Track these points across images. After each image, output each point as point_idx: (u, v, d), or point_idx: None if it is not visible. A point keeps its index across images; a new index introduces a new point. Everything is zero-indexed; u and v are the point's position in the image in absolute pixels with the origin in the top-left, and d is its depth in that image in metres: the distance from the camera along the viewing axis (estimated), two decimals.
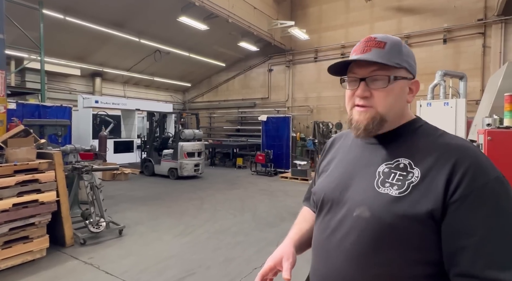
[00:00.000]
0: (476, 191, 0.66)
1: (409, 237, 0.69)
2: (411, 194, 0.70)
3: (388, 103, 0.78)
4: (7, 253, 3.24)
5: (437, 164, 0.71)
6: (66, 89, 12.44)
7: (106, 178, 8.29)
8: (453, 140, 0.76)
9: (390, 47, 0.78)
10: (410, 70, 0.81)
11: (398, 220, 0.69)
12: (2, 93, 4.54)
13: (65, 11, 8.83)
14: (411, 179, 0.72)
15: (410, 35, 10.77)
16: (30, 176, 3.52)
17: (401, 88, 0.80)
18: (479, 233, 0.63)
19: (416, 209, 0.68)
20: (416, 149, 0.76)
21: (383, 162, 0.79)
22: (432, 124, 0.84)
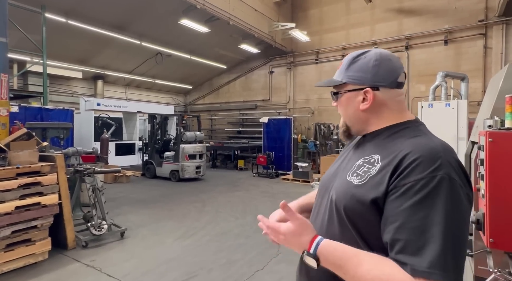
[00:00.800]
0: (408, 184, 0.72)
1: (358, 219, 0.80)
2: (366, 184, 0.80)
3: (342, 112, 0.96)
4: (9, 256, 3.25)
5: (394, 159, 0.78)
6: (68, 92, 12.51)
7: (107, 180, 8.31)
8: (424, 140, 0.81)
9: (343, 66, 0.94)
10: (354, 82, 0.91)
11: (350, 201, 0.81)
12: (5, 96, 4.58)
13: (67, 14, 8.89)
14: (371, 172, 0.81)
15: (411, 37, 10.77)
16: (32, 179, 3.53)
17: (347, 99, 0.93)
18: (400, 220, 0.70)
19: (365, 196, 0.78)
20: (388, 147, 0.85)
21: (362, 157, 0.89)
22: (420, 129, 0.88)
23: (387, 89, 0.88)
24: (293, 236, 0.80)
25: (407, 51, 10.88)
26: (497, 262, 1.43)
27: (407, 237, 0.68)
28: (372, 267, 0.69)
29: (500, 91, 1.75)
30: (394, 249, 0.70)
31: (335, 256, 0.74)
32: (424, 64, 10.60)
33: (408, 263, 0.66)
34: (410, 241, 0.67)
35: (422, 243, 0.66)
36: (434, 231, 0.66)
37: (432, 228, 0.67)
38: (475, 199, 1.76)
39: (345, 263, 0.72)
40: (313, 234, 0.80)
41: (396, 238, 0.69)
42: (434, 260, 0.64)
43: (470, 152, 2.09)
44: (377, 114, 0.90)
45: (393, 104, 0.90)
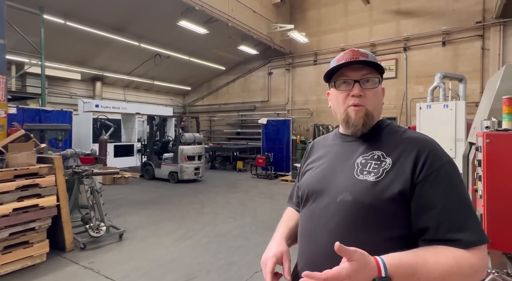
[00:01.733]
0: (435, 172, 0.81)
1: (385, 215, 0.82)
2: (385, 178, 0.83)
3: (375, 101, 0.93)
4: (7, 258, 3.23)
5: (404, 153, 0.86)
6: (66, 93, 12.48)
7: (106, 182, 8.29)
8: (415, 134, 0.92)
9: (371, 57, 0.93)
10: (383, 76, 0.96)
11: (376, 201, 0.82)
12: (2, 98, 4.56)
13: (66, 16, 8.88)
14: (385, 166, 0.85)
15: (409, 38, 10.81)
16: (30, 181, 3.52)
17: (381, 91, 0.96)
18: (440, 205, 0.79)
19: (390, 190, 0.81)
20: (386, 143, 0.91)
21: (360, 155, 0.91)
22: (395, 124, 0.99)
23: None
24: (359, 273, 0.69)
25: (405, 52, 10.92)
26: (495, 263, 1.43)
27: (451, 218, 0.77)
28: (436, 261, 0.73)
29: (497, 92, 1.76)
30: (441, 230, 0.77)
31: (404, 268, 0.72)
32: (422, 65, 10.63)
33: (459, 239, 0.75)
34: (455, 221, 0.77)
35: (463, 221, 0.78)
36: (466, 207, 0.80)
37: (464, 206, 0.79)
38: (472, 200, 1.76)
39: (415, 270, 0.72)
40: (370, 257, 0.71)
41: (442, 220, 0.78)
42: (477, 230, 0.77)
43: (468, 153, 2.09)
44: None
45: None
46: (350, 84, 0.91)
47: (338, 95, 0.95)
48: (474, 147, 1.48)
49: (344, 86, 0.93)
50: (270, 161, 10.48)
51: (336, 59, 0.95)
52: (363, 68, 0.91)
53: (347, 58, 0.92)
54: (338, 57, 0.95)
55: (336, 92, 0.96)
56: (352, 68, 0.91)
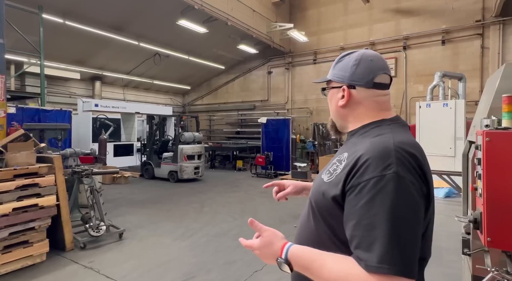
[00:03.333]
0: (362, 183, 0.76)
1: (324, 214, 0.86)
2: (332, 181, 0.85)
3: (330, 108, 1.02)
4: (7, 258, 3.23)
5: (353, 159, 0.82)
6: (65, 93, 12.47)
7: (106, 181, 8.29)
8: (378, 139, 0.83)
9: (333, 65, 1.01)
10: (336, 80, 0.98)
11: (319, 197, 0.87)
12: (1, 97, 4.55)
13: (65, 15, 8.86)
14: (337, 169, 0.86)
15: (408, 37, 10.81)
16: (30, 181, 3.51)
17: (331, 96, 1.01)
18: (356, 218, 0.75)
19: (328, 193, 0.84)
20: (354, 145, 0.89)
21: (338, 155, 0.94)
22: (389, 127, 0.89)
23: (363, 88, 0.92)
24: (265, 247, 0.87)
25: (405, 51, 10.92)
26: (495, 261, 1.43)
27: (361, 234, 0.72)
28: (333, 266, 0.74)
29: (497, 91, 1.76)
30: (352, 245, 0.75)
31: (303, 259, 0.79)
32: (422, 64, 10.64)
33: (362, 259, 0.70)
34: (363, 237, 0.72)
35: (372, 239, 0.70)
36: (382, 227, 0.70)
37: (380, 225, 0.70)
38: (472, 198, 1.77)
39: (311, 264, 0.77)
40: (283, 241, 0.85)
41: (353, 234, 0.74)
42: (382, 255, 0.68)
43: (468, 151, 2.09)
44: (353, 112, 0.95)
45: (370, 104, 0.92)
46: None
47: None
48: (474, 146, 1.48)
49: None
50: (270, 160, 10.49)
51: None
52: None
53: None
54: None
55: None
56: None
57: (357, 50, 0.97)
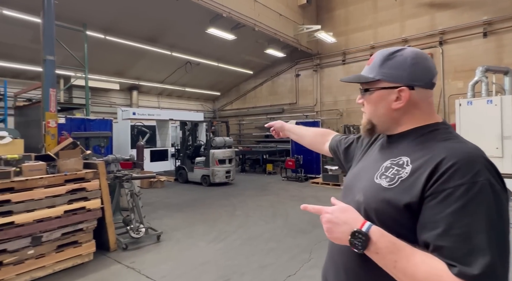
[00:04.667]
0: (448, 190, 0.70)
1: (390, 223, 0.77)
2: (397, 187, 0.79)
3: (370, 110, 0.93)
4: (60, 257, 3.54)
5: (427, 163, 0.77)
6: (107, 103, 13.38)
7: (144, 185, 8.73)
8: (457, 144, 0.80)
9: (374, 63, 0.91)
10: (389, 80, 0.88)
11: (381, 205, 0.80)
12: (54, 109, 5.02)
13: (105, 31, 9.56)
14: (401, 175, 0.80)
15: (445, 31, 10.21)
16: (78, 185, 3.81)
17: (379, 97, 0.90)
18: (442, 227, 0.68)
19: (397, 200, 0.77)
20: (418, 149, 0.83)
21: (389, 158, 0.89)
22: (450, 131, 0.86)
23: (422, 89, 0.86)
24: (341, 211, 0.78)
25: (441, 46, 10.32)
26: None
27: (451, 244, 0.67)
28: (424, 259, 0.67)
29: None
30: (437, 254, 0.68)
31: (388, 241, 0.71)
32: (461, 60, 9.98)
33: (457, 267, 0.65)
34: (455, 249, 0.66)
35: (468, 251, 0.65)
36: (481, 239, 0.65)
37: (478, 236, 0.65)
38: None
39: (397, 250, 0.69)
40: (360, 216, 0.78)
41: (439, 244, 0.68)
42: (486, 270, 0.63)
43: None
44: (408, 114, 0.88)
45: (424, 105, 0.88)
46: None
47: None
48: None
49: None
50: (300, 163, 10.40)
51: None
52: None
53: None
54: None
55: None
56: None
57: (403, 47, 0.90)
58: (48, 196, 3.48)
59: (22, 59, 9.72)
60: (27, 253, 3.27)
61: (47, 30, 5.17)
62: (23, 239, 3.24)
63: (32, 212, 3.33)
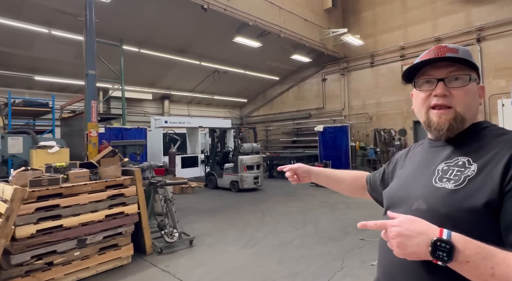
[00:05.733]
0: None
1: (466, 227, 0.68)
2: (466, 187, 0.72)
3: (466, 101, 0.82)
4: (102, 259, 3.77)
5: (495, 158, 0.72)
6: (141, 112, 14.11)
7: (176, 191, 9.03)
8: None
9: (463, 52, 0.83)
10: (478, 74, 0.85)
11: (453, 210, 0.72)
12: (95, 120, 5.41)
13: (139, 44, 10.15)
14: (467, 173, 0.74)
15: (483, 28, 9.63)
16: (117, 191, 4.05)
17: (475, 89, 0.84)
18: None
19: (472, 200, 0.70)
20: (476, 148, 0.79)
21: (443, 161, 0.83)
22: (498, 126, 0.84)
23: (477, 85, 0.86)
24: (411, 222, 0.67)
25: (479, 43, 9.74)
26: None
27: None
28: None
29: None
30: None
31: (477, 246, 0.61)
32: (503, 57, 9.34)
33: None
34: None
35: None
36: None
37: None
38: None
39: (490, 255, 0.59)
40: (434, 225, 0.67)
41: None
42: None
43: None
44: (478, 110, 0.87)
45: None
46: (434, 83, 0.84)
47: (418, 95, 0.88)
48: None
49: (427, 86, 0.86)
50: None
51: (420, 57, 0.88)
52: (450, 65, 0.82)
53: (431, 55, 0.84)
54: (422, 55, 0.87)
55: (417, 92, 0.89)
56: (436, 66, 0.84)
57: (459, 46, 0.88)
58: (91, 201, 3.74)
59: (67, 74, 10.59)
60: (73, 254, 3.52)
61: (89, 47, 5.61)
62: (70, 241, 3.51)
63: (78, 216, 3.59)
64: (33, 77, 10.26)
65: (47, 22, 8.22)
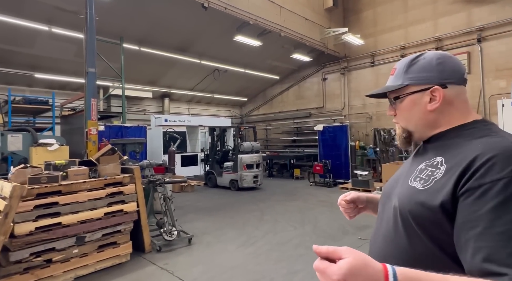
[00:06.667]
0: (485, 186, 0.66)
1: (426, 226, 0.75)
2: (431, 187, 0.76)
3: (403, 118, 0.91)
4: (101, 256, 3.78)
5: (462, 160, 0.74)
6: (141, 110, 14.10)
7: (175, 190, 9.05)
8: (496, 139, 0.75)
9: (398, 71, 0.92)
10: (418, 83, 0.87)
11: (415, 207, 0.77)
12: (95, 118, 5.41)
13: (140, 43, 10.14)
14: (436, 175, 0.78)
15: (484, 28, 9.62)
16: (116, 189, 4.05)
17: (412, 102, 0.88)
18: (481, 226, 0.64)
19: (431, 200, 0.74)
20: (453, 148, 0.81)
21: (424, 160, 0.87)
22: (489, 128, 0.81)
23: (455, 85, 0.84)
24: (354, 273, 0.56)
25: (480, 44, 9.72)
26: None
27: (494, 244, 0.61)
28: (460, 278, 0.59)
29: None
30: (477, 257, 0.63)
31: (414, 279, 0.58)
32: (503, 57, 9.32)
33: (506, 273, 0.58)
34: (499, 248, 0.60)
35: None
36: None
37: None
38: None
39: None
40: (377, 263, 0.59)
41: (479, 245, 0.63)
42: None
43: None
44: (445, 114, 0.85)
45: (459, 103, 0.85)
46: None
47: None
48: None
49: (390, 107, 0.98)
50: (328, 168, 10.22)
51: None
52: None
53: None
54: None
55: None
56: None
57: (423, 52, 0.89)
58: (90, 199, 3.75)
59: (67, 72, 10.58)
60: (72, 252, 3.53)
61: (89, 45, 5.61)
62: (69, 238, 3.51)
63: (77, 213, 3.60)
64: (33, 74, 10.26)
65: (47, 19, 8.21)
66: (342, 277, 0.55)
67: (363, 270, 0.56)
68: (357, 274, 0.56)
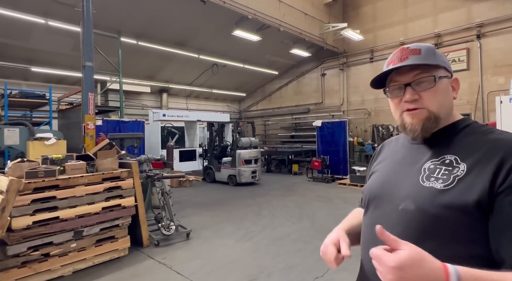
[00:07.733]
0: None
1: (456, 228, 0.69)
2: (456, 187, 0.72)
3: (438, 101, 0.82)
4: (99, 250, 3.79)
5: (484, 158, 0.72)
6: (139, 105, 14.03)
7: (173, 185, 9.05)
8: (502, 135, 0.77)
9: (425, 52, 0.83)
10: (448, 69, 0.85)
11: (442, 210, 0.71)
12: (92, 112, 5.38)
13: (138, 37, 10.04)
14: (457, 173, 0.74)
15: (483, 24, 9.59)
16: (114, 183, 4.05)
17: (446, 86, 0.84)
18: None
19: (461, 199, 0.69)
20: (462, 146, 0.79)
21: (429, 159, 0.82)
22: (481, 123, 0.85)
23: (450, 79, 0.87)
24: (413, 265, 0.57)
25: (479, 40, 9.70)
26: None
27: None
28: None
29: None
30: None
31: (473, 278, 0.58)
32: (502, 53, 9.31)
33: None
34: None
35: None
36: None
37: None
38: None
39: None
40: (435, 260, 0.60)
41: None
42: None
43: None
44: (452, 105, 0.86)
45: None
46: (402, 89, 0.84)
47: (392, 102, 0.89)
48: None
49: (397, 92, 0.85)
50: (326, 164, 10.25)
51: (387, 61, 0.88)
52: (414, 68, 0.82)
53: (395, 59, 0.84)
54: (388, 60, 0.87)
55: (390, 99, 0.89)
56: (401, 72, 0.84)
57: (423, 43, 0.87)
58: (88, 193, 3.74)
59: (64, 66, 10.48)
60: (70, 246, 3.54)
61: (86, 38, 5.55)
62: (67, 233, 3.51)
63: (74, 208, 3.59)
64: (29, 68, 10.16)
65: (43, 12, 8.11)
66: (398, 265, 0.57)
67: (421, 263, 0.58)
68: (415, 265, 0.57)
